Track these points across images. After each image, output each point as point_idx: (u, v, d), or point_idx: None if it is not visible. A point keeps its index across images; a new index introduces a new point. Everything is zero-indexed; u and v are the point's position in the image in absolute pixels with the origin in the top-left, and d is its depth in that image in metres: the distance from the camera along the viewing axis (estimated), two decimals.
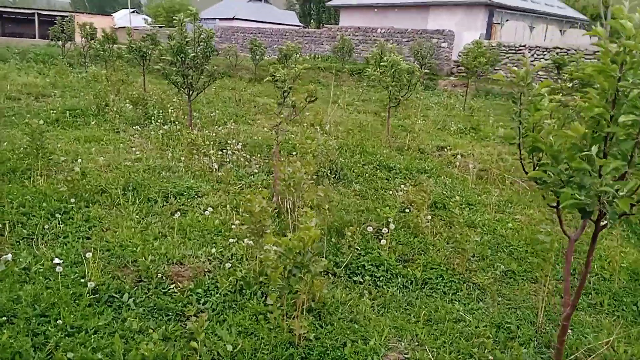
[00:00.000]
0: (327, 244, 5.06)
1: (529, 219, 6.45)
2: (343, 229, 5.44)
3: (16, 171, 6.48)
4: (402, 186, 6.97)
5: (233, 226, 5.04)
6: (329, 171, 7.71)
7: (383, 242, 5.13)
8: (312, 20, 65.33)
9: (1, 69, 17.66)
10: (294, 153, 8.39)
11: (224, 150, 8.42)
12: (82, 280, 3.95)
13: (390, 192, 7.00)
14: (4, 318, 3.35)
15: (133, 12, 61.36)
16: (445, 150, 9.80)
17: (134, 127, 9.86)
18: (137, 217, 5.44)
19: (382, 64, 9.31)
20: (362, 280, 4.58)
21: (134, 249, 4.60)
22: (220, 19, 48.63)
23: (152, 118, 10.48)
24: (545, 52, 21.13)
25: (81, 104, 11.35)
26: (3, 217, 4.93)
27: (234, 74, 21.15)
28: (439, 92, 20.90)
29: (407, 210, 6.12)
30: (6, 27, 47.82)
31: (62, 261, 4.22)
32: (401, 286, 4.55)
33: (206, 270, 4.42)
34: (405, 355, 3.58)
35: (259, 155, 8.70)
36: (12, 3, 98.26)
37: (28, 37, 40.14)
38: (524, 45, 22.01)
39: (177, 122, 10.31)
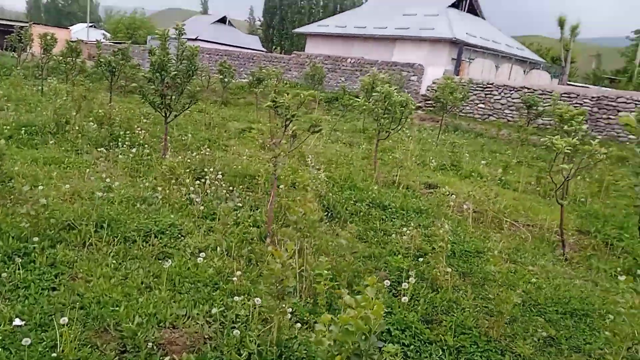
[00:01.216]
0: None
1: (544, 271, 5.94)
2: (353, 281, 4.78)
3: None
4: (405, 229, 6.37)
5: (234, 278, 4.26)
6: (321, 208, 7.03)
7: (405, 299, 4.47)
8: (274, 46, 65.20)
9: None
10: (280, 186, 7.69)
11: (201, 180, 7.61)
12: (54, 354, 3.08)
13: (392, 235, 6.38)
14: None
15: (91, 26, 59.41)
16: (435, 187, 9.32)
17: (98, 149, 8.89)
18: (114, 261, 4.57)
19: (374, 94, 8.79)
20: (390, 351, 3.87)
21: (115, 306, 3.75)
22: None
23: (119, 139, 9.53)
24: (512, 91, 21.37)
25: (38, 121, 10.25)
26: None
27: (201, 96, 20.27)
28: (408, 125, 20.65)
29: (419, 258, 5.51)
30: None
31: (24, 322, 3.35)
32: (436, 357, 3.88)
33: (206, 336, 3.61)
34: None
35: (240, 186, 7.93)
36: None
37: None
38: (492, 84, 22.24)
39: (145, 145, 9.42)
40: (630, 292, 3.81)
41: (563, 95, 19.55)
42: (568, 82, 31.10)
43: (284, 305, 3.39)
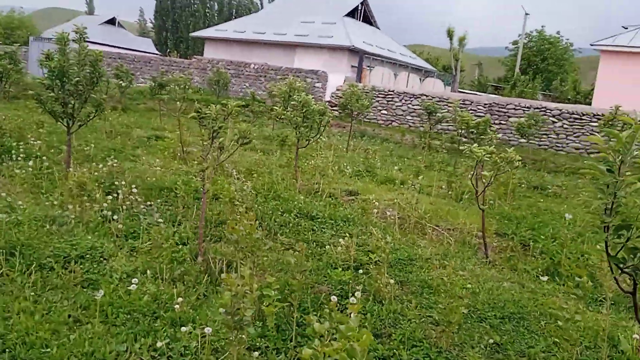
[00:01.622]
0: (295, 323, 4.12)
1: (474, 275, 6.13)
2: (301, 300, 4.59)
3: None
4: (339, 239, 6.29)
5: (176, 306, 3.89)
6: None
7: (353, 315, 4.36)
8: (169, 50, 62.88)
9: None
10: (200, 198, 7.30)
11: (113, 194, 7.02)
12: None
13: (327, 247, 6.27)
14: None
15: None
16: (356, 195, 9.38)
17: None
18: (32, 293, 4.00)
19: (292, 102, 8.67)
20: None
21: (45, 347, 3.26)
22: None
23: (12, 151, 8.55)
24: (412, 98, 22.27)
25: None
26: None
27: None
28: (327, 134, 20.73)
29: (358, 270, 5.44)
30: None
31: None
32: None
33: None
34: None
35: (157, 200, 7.42)
36: None
37: None
38: (393, 91, 23.02)
39: (44, 157, 8.53)
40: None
41: (462, 102, 20.73)
42: (459, 90, 33.15)
43: (242, 336, 3.13)
